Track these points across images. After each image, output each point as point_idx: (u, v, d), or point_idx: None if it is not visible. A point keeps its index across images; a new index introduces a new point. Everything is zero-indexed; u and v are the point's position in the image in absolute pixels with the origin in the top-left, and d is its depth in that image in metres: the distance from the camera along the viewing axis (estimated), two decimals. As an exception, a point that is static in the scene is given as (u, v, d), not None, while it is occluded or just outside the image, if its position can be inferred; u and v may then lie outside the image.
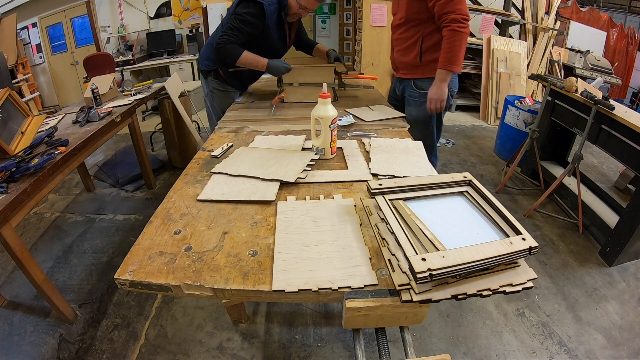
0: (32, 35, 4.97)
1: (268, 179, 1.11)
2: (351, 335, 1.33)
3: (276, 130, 1.59)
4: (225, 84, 2.06)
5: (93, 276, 2.00)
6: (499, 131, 3.55)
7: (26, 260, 1.46)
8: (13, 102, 1.74)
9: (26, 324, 1.71)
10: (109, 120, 2.05)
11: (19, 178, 1.41)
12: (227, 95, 2.10)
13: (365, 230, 0.89)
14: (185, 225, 0.92)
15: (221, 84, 2.05)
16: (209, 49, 2.00)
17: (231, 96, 2.12)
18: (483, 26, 4.63)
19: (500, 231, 0.78)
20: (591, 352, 1.58)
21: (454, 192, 0.94)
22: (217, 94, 2.08)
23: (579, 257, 2.16)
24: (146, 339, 1.63)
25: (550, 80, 2.50)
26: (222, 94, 2.08)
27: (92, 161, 3.35)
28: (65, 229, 2.43)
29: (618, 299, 1.88)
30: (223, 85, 2.06)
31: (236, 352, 1.56)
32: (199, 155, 1.35)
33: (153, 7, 5.23)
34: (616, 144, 2.04)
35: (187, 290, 0.74)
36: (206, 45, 2.07)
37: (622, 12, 7.20)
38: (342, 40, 6.13)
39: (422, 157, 1.29)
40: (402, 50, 1.90)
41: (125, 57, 5.03)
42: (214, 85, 2.06)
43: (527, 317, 1.75)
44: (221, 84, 2.05)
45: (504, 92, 4.34)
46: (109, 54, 4.37)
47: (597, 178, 3.07)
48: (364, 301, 0.69)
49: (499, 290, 0.68)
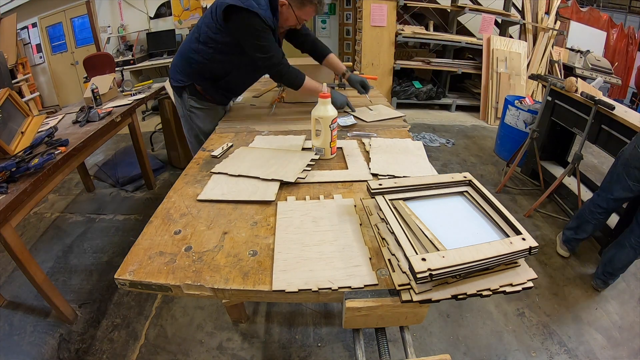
0: (32, 35, 4.97)
1: (268, 179, 1.11)
2: (351, 335, 1.32)
3: (276, 130, 1.59)
4: (204, 101, 1.74)
5: (93, 276, 2.00)
6: (499, 131, 3.55)
7: (26, 260, 1.46)
8: (13, 102, 1.74)
9: (26, 324, 1.71)
10: (109, 120, 2.05)
11: (19, 178, 1.41)
12: (209, 114, 1.78)
13: (365, 230, 0.89)
14: (185, 225, 0.92)
15: (200, 101, 1.73)
16: (180, 61, 1.69)
17: (212, 114, 1.79)
18: (483, 26, 4.63)
19: (500, 231, 0.78)
20: (591, 352, 1.58)
21: (454, 192, 0.94)
22: (197, 114, 1.75)
23: (579, 257, 2.16)
24: (146, 339, 1.63)
25: (550, 80, 2.51)
26: (202, 112, 1.75)
27: (92, 161, 3.35)
28: (65, 229, 2.43)
29: (618, 299, 1.88)
30: (202, 103, 1.74)
31: (236, 352, 1.56)
32: (199, 155, 1.35)
33: (153, 7, 5.23)
34: (616, 144, 2.04)
35: (187, 290, 0.74)
36: (177, 57, 1.73)
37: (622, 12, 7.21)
38: (342, 40, 6.14)
39: (422, 157, 1.29)
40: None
41: (125, 57, 5.03)
42: (192, 104, 1.73)
43: (527, 317, 1.75)
44: (200, 101, 1.73)
45: (504, 92, 4.34)
46: (109, 54, 4.38)
47: (597, 178, 3.06)
48: (364, 301, 0.69)
49: (499, 290, 0.68)
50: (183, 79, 1.68)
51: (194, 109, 1.74)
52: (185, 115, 1.77)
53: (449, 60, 4.85)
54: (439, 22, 5.00)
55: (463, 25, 5.08)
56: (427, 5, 4.81)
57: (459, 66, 4.75)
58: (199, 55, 1.60)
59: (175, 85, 1.73)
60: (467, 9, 4.59)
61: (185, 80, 1.68)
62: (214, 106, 1.79)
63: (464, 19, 5.04)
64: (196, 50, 1.59)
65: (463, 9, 4.61)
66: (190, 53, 1.62)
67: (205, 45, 1.56)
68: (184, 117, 1.78)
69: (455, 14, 4.82)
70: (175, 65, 1.73)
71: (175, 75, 1.72)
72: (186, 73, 1.67)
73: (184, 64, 1.67)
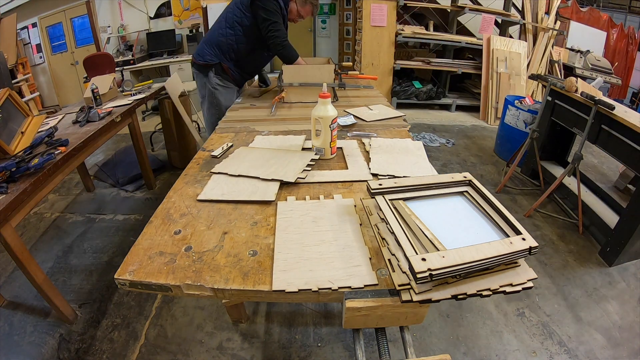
0: (32, 35, 4.96)
1: (268, 179, 1.11)
2: (351, 335, 1.33)
3: (276, 130, 1.59)
4: (227, 80, 2.03)
5: (93, 276, 2.00)
6: (499, 131, 3.55)
7: (26, 260, 1.46)
8: (13, 102, 1.74)
9: (26, 324, 1.71)
10: (109, 120, 2.05)
11: (19, 178, 1.41)
12: (230, 92, 2.07)
13: (365, 230, 0.89)
14: (185, 225, 0.92)
15: (223, 80, 2.02)
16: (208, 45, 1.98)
17: (232, 92, 2.09)
18: (483, 26, 4.63)
19: (500, 231, 0.78)
20: (591, 352, 1.58)
21: (454, 192, 0.94)
22: (220, 91, 2.03)
23: (579, 257, 2.16)
24: (146, 339, 1.63)
25: (550, 80, 2.50)
26: (225, 90, 2.04)
27: (92, 161, 3.35)
28: (65, 229, 2.43)
29: (618, 299, 1.88)
30: (225, 81, 2.03)
31: (236, 352, 1.56)
32: (199, 155, 1.35)
33: (153, 7, 5.23)
34: (616, 144, 2.04)
35: (187, 290, 0.74)
36: (204, 43, 2.03)
37: (622, 12, 7.20)
38: (342, 40, 6.14)
39: (422, 157, 1.29)
40: None
41: (125, 57, 5.03)
42: (217, 82, 2.01)
43: (527, 317, 1.75)
44: (223, 80, 2.02)
45: (504, 92, 4.34)
46: (109, 54, 4.38)
47: (597, 178, 3.06)
48: (364, 301, 0.69)
49: (499, 290, 0.68)
50: (212, 58, 1.97)
51: (218, 86, 2.02)
52: (209, 94, 2.03)
53: (449, 60, 4.85)
54: (439, 22, 5.00)
55: (463, 25, 5.08)
56: (427, 5, 4.81)
57: (459, 66, 4.75)
58: (226, 38, 1.93)
59: (202, 64, 1.99)
60: (467, 9, 4.59)
61: (213, 59, 1.97)
62: (233, 86, 2.09)
63: (464, 19, 5.04)
64: (224, 35, 1.93)
65: (463, 9, 4.61)
66: (220, 37, 1.93)
67: (233, 29, 1.92)
68: (208, 95, 2.04)
69: (455, 14, 4.83)
70: (201, 49, 2.00)
71: (203, 55, 1.98)
72: (215, 53, 1.96)
73: (212, 47, 1.96)
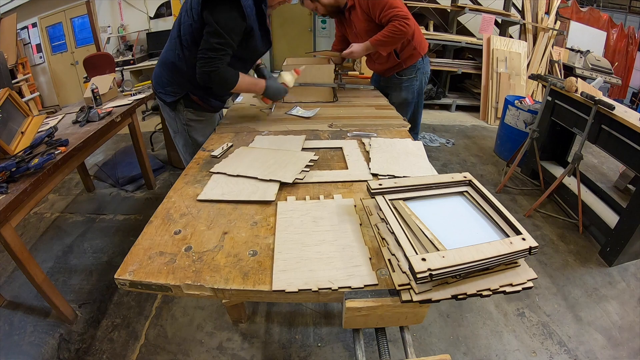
0: (32, 35, 4.96)
1: (266, 179, 1.11)
2: (351, 335, 1.33)
3: (276, 130, 1.59)
4: (201, 111, 1.60)
5: (93, 276, 2.00)
6: (499, 131, 3.55)
7: (26, 260, 1.46)
8: (13, 102, 1.74)
9: (26, 324, 1.71)
10: (109, 120, 2.05)
11: (19, 178, 1.41)
12: (206, 125, 1.65)
13: (365, 230, 0.89)
14: (185, 225, 0.92)
15: (197, 112, 1.59)
16: (166, 72, 1.53)
17: (210, 123, 1.67)
18: (483, 26, 4.62)
19: (500, 231, 0.78)
20: (591, 352, 1.58)
21: (454, 192, 0.94)
22: (195, 127, 1.61)
23: (579, 257, 2.16)
24: (146, 339, 1.63)
25: (550, 80, 2.50)
26: (200, 124, 1.62)
27: (92, 161, 3.35)
28: (65, 229, 2.43)
29: (618, 299, 1.88)
30: (199, 114, 1.60)
31: (236, 352, 1.56)
32: (199, 155, 1.35)
33: (153, 7, 5.23)
34: (616, 144, 2.04)
35: (187, 290, 0.74)
36: (160, 68, 1.56)
37: (622, 12, 7.19)
38: (342, 40, 6.12)
39: (422, 157, 1.29)
40: (382, 62, 2.16)
41: (125, 57, 5.03)
42: (189, 117, 1.58)
43: (527, 317, 1.75)
44: (197, 112, 1.59)
45: (504, 92, 4.34)
46: (109, 54, 4.38)
47: (597, 178, 3.07)
48: (364, 301, 0.69)
49: (499, 290, 0.68)
50: (176, 90, 1.52)
51: (192, 122, 1.60)
52: (181, 131, 1.62)
53: (449, 60, 4.84)
54: (439, 22, 5.00)
55: (463, 25, 5.07)
56: (427, 5, 4.80)
57: (459, 66, 4.75)
58: (185, 63, 1.44)
59: (168, 100, 1.55)
60: (467, 9, 4.59)
61: (179, 92, 1.52)
62: (211, 115, 1.67)
63: (464, 19, 5.04)
64: (182, 58, 1.44)
65: (463, 9, 4.60)
66: (178, 61, 1.46)
67: (190, 51, 1.40)
68: (179, 132, 1.64)
69: (455, 14, 4.82)
70: (160, 77, 1.55)
71: (164, 88, 1.54)
72: (177, 83, 1.51)
73: (172, 74, 1.51)
